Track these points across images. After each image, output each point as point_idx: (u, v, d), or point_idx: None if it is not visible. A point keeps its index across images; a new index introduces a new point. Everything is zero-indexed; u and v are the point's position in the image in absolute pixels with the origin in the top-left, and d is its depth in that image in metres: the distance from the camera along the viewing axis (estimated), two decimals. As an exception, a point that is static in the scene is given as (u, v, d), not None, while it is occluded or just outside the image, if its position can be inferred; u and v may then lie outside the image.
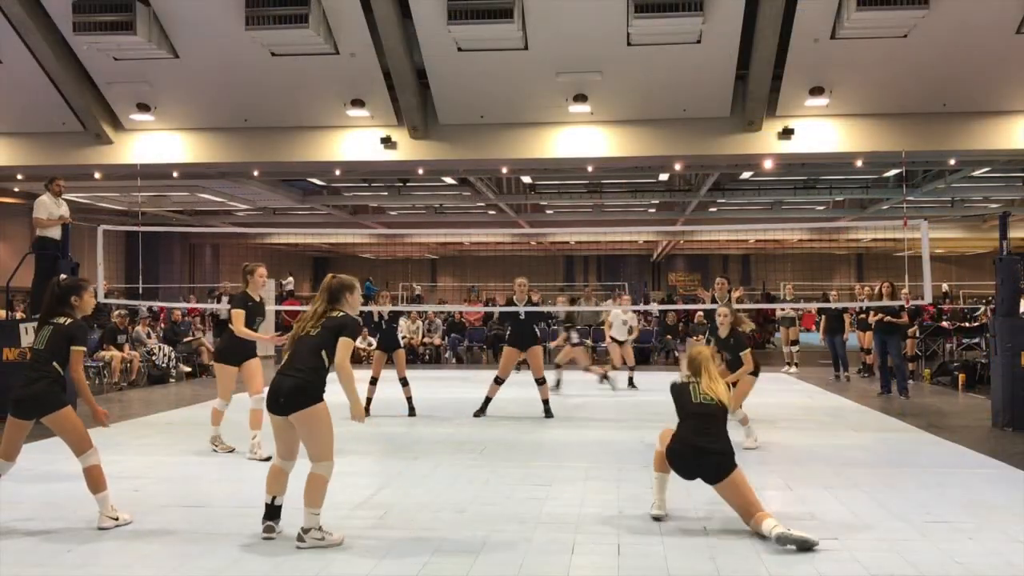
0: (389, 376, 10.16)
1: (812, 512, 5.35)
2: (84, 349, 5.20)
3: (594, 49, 12.25)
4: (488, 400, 9.79)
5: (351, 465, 6.83)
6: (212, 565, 4.32)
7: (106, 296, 13.38)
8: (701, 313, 19.73)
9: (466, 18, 11.27)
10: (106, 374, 13.06)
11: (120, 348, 13.46)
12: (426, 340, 19.55)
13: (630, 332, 13.20)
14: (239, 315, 7.21)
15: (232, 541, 4.72)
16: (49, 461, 7.06)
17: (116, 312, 14.21)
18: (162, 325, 17.26)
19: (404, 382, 10.02)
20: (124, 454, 7.46)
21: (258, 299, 7.57)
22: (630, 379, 12.88)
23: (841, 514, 5.31)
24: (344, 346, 4.68)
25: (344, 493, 5.83)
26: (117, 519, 5.07)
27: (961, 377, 12.77)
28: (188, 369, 15.15)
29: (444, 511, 5.38)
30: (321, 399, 4.65)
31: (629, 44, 12.08)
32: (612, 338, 13.15)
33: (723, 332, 7.65)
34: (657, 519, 5.14)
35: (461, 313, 21.32)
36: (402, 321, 19.18)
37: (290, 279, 27.85)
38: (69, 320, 5.13)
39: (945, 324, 17.53)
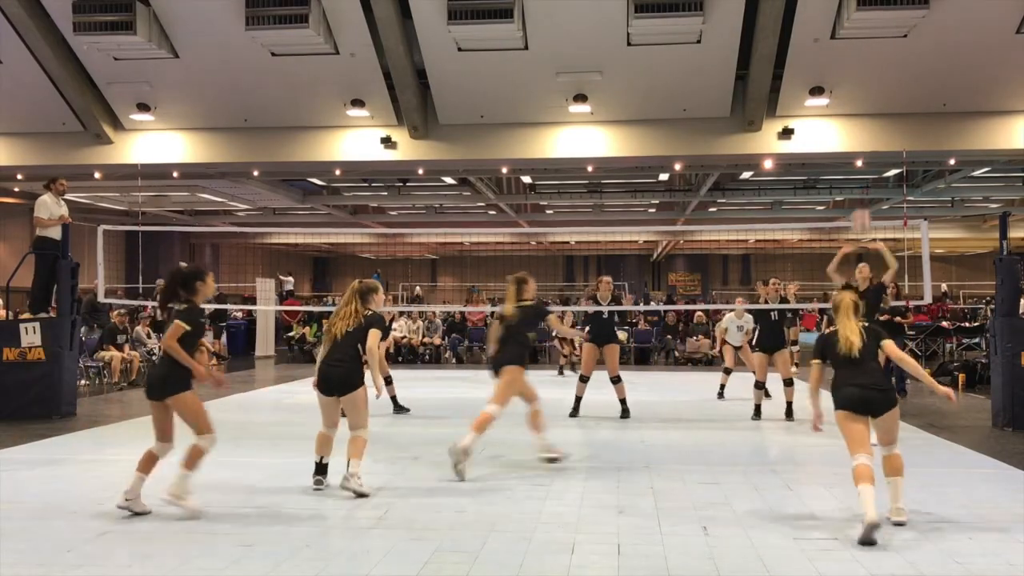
0: (391, 376, 10.15)
1: (812, 512, 5.35)
2: (189, 328, 5.31)
3: (594, 49, 12.24)
4: (579, 399, 9.75)
5: (351, 465, 6.83)
6: (212, 565, 4.32)
7: (106, 296, 13.38)
8: (701, 313, 19.75)
9: (466, 18, 11.26)
10: (106, 374, 13.06)
11: (120, 348, 13.46)
12: (426, 340, 19.54)
13: (746, 335, 12.08)
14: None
15: (232, 541, 4.72)
16: (49, 461, 7.07)
17: (116, 312, 14.20)
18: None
19: (388, 380, 10.05)
20: (124, 454, 7.45)
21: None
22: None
23: (841, 514, 5.30)
24: (373, 336, 5.92)
25: (344, 493, 5.83)
26: (184, 502, 5.30)
27: (961, 377, 12.77)
28: (188, 369, 15.12)
29: (444, 511, 5.38)
30: (362, 383, 5.89)
31: (629, 44, 12.08)
32: (725, 341, 12.49)
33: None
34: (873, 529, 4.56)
35: (462, 313, 21.30)
36: (402, 321, 19.19)
37: (290, 278, 27.83)
38: (186, 305, 5.41)
39: (945, 324, 17.53)
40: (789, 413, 9.49)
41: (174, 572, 4.24)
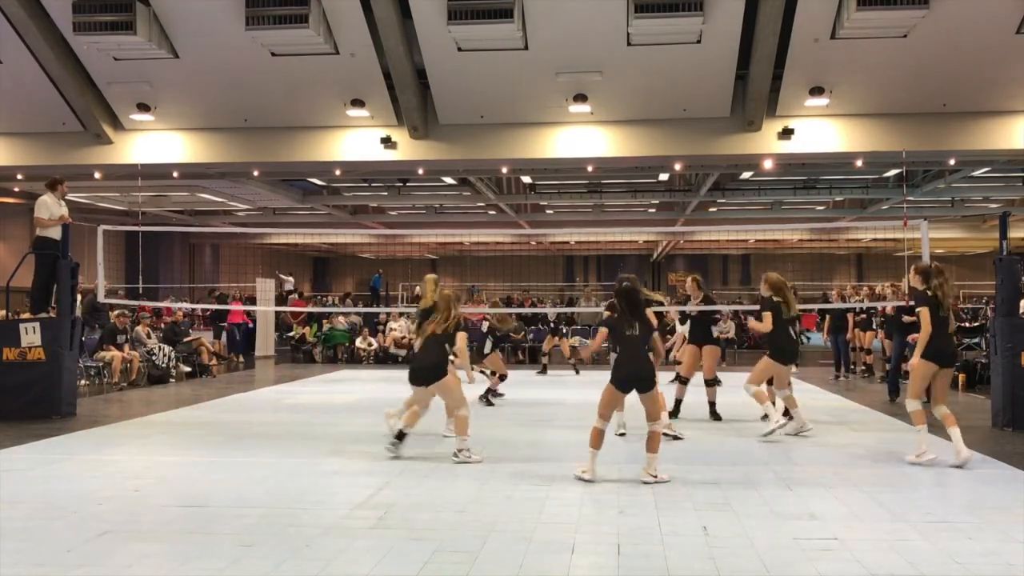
0: (392, 376, 10.15)
1: (812, 512, 5.35)
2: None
3: (594, 49, 12.25)
4: (679, 402, 9.45)
5: (351, 465, 6.84)
6: (212, 565, 4.32)
7: (107, 296, 13.38)
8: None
9: (466, 18, 11.27)
10: (106, 374, 13.06)
11: (120, 348, 13.46)
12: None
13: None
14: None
15: (232, 541, 4.72)
16: (49, 461, 7.07)
17: (116, 312, 14.21)
18: (162, 324, 17.27)
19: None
20: (124, 454, 7.46)
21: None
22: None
23: (841, 514, 5.30)
24: (461, 338, 7.25)
25: (344, 493, 5.83)
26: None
27: (961, 377, 12.76)
28: (188, 369, 15.15)
29: (444, 511, 5.38)
30: (447, 372, 7.03)
31: (629, 44, 12.08)
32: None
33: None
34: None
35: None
36: (403, 321, 19.18)
37: (290, 278, 27.79)
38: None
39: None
40: (713, 413, 9.43)
41: (174, 572, 4.23)
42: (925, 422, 6.87)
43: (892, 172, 20.20)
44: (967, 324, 17.78)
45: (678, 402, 9.44)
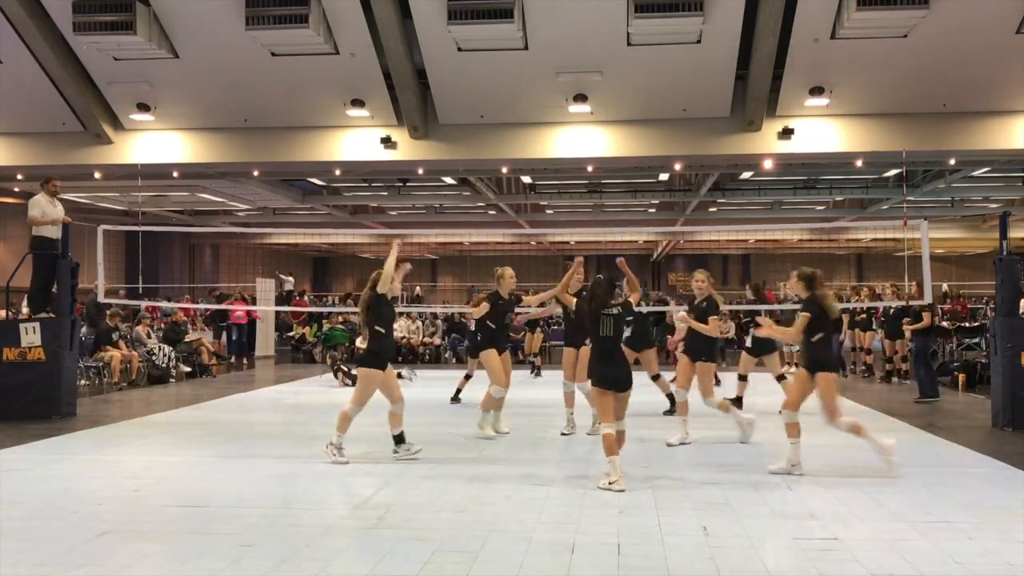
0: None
1: (812, 512, 5.35)
2: None
3: (594, 49, 12.24)
4: (740, 399, 9.79)
5: (351, 465, 6.84)
6: (212, 565, 4.32)
7: (106, 296, 13.38)
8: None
9: (466, 18, 11.26)
10: (106, 374, 13.06)
11: (115, 346, 13.43)
12: (426, 340, 19.54)
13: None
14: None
15: (232, 541, 4.72)
16: (49, 461, 7.07)
17: (110, 312, 14.20)
18: (162, 324, 17.27)
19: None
20: (124, 454, 7.47)
21: None
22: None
23: (841, 514, 5.31)
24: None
25: (344, 493, 5.83)
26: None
27: (961, 377, 12.77)
28: (188, 369, 15.15)
29: (444, 511, 5.38)
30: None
31: (629, 44, 12.08)
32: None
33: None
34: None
35: (462, 313, 21.28)
36: (402, 321, 19.18)
37: (290, 278, 27.77)
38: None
39: (945, 324, 17.52)
40: (673, 408, 9.61)
41: (174, 572, 4.24)
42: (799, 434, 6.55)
43: (892, 172, 20.20)
44: (967, 324, 17.80)
45: (739, 399, 9.68)
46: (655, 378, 9.96)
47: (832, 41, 11.83)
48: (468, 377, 11.68)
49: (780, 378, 9.86)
